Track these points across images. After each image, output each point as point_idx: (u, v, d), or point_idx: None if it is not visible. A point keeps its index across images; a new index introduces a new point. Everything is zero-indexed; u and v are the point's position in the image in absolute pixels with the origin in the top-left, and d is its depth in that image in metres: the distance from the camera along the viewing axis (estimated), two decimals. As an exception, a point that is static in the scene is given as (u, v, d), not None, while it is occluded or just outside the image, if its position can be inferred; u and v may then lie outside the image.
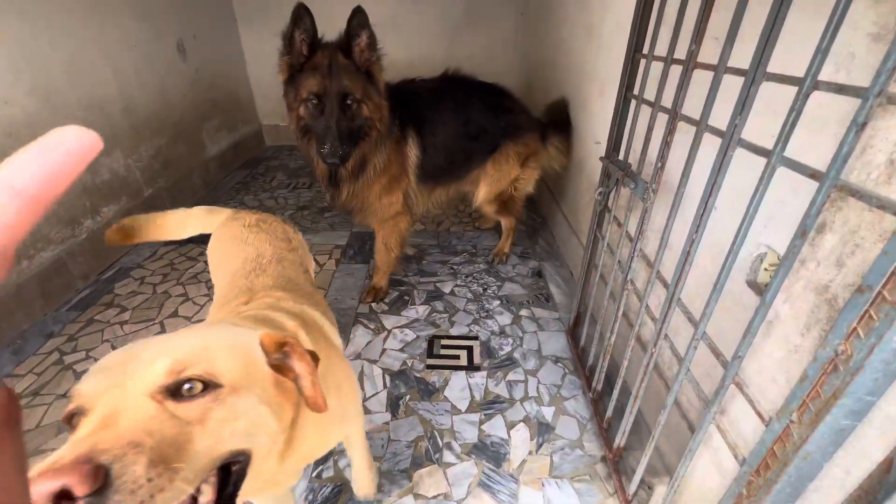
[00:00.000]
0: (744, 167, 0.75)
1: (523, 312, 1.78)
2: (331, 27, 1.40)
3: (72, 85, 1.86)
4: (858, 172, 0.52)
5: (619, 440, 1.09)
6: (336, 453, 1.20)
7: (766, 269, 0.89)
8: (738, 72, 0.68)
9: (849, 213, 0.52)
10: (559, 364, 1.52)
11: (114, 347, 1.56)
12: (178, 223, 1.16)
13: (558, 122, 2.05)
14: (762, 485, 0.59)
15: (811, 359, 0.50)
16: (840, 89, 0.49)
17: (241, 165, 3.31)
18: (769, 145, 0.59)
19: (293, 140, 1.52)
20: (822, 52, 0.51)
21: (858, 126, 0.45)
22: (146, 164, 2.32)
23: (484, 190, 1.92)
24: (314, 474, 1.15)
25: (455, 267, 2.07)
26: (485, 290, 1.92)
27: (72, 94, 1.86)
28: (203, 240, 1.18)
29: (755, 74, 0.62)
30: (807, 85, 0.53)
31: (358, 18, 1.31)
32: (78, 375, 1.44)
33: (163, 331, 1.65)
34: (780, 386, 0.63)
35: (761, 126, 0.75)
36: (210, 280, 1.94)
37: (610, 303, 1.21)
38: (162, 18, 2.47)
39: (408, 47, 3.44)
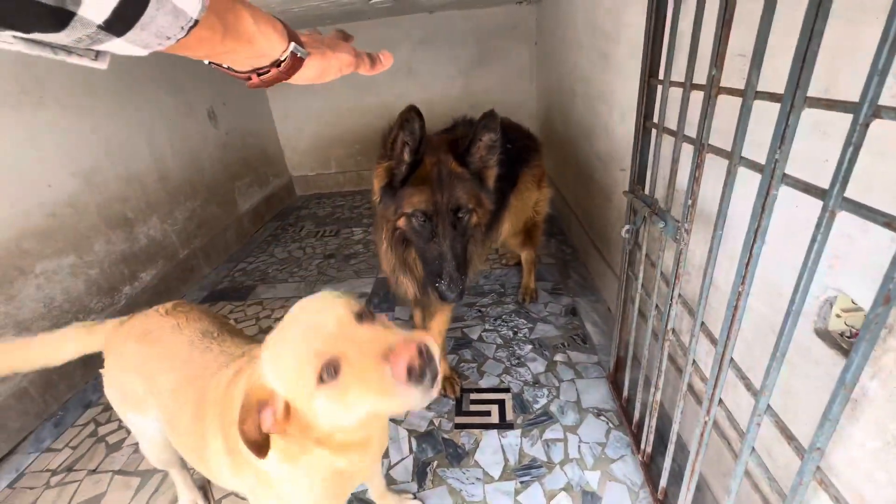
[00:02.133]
0: (796, 200, 0.63)
1: (558, 357, 1.64)
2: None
3: (111, 163, 1.99)
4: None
5: (679, 519, 0.93)
6: None
7: (837, 316, 0.75)
8: (772, 97, 0.58)
9: (948, 270, 0.40)
10: (602, 418, 1.36)
11: (145, 416, 1.57)
12: (49, 350, 0.94)
13: None
14: None
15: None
16: (912, 117, 0.39)
17: (273, 217, 3.43)
18: (828, 178, 0.48)
19: (377, 244, 1.29)
20: (879, 73, 0.40)
21: (948, 165, 0.34)
22: (181, 226, 2.43)
23: (507, 225, 1.83)
24: None
25: (483, 309, 1.98)
26: (515, 333, 1.80)
27: (111, 171, 1.99)
28: (228, 295, 1.16)
29: (793, 100, 0.52)
30: (864, 112, 0.42)
31: (488, 121, 1.10)
32: (110, 448, 1.45)
33: (191, 396, 1.64)
34: (881, 486, 0.49)
35: (819, 153, 0.63)
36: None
37: (653, 347, 1.07)
38: (193, 90, 2.65)
39: (425, 89, 3.51)
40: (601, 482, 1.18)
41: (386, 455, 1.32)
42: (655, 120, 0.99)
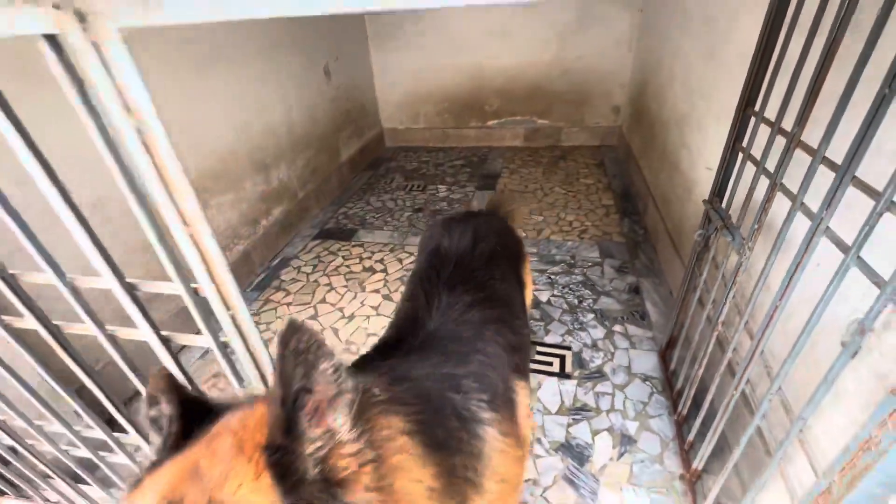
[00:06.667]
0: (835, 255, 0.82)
1: (617, 328, 1.89)
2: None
3: (257, 117, 2.41)
4: (922, 287, 0.59)
5: (699, 463, 1.20)
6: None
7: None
8: (831, 165, 0.75)
9: (911, 319, 0.60)
10: (648, 383, 1.62)
11: (284, 323, 2.07)
12: None
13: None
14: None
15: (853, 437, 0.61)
16: (907, 217, 0.58)
17: (366, 167, 3.81)
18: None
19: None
20: (894, 183, 0.59)
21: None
22: (300, 172, 2.87)
23: None
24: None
25: (553, 277, 2.23)
26: (580, 302, 2.05)
27: (256, 124, 2.41)
28: (335, 235, 1.48)
29: (843, 176, 0.70)
30: (881, 203, 0.61)
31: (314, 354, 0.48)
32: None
33: (315, 314, 2.12)
34: (838, 451, 0.72)
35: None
36: (348, 271, 2.36)
37: (705, 332, 1.29)
38: (314, 48, 2.97)
39: (517, 53, 3.56)
40: (638, 431, 1.46)
41: (466, 381, 1.70)
42: (745, 145, 1.13)
